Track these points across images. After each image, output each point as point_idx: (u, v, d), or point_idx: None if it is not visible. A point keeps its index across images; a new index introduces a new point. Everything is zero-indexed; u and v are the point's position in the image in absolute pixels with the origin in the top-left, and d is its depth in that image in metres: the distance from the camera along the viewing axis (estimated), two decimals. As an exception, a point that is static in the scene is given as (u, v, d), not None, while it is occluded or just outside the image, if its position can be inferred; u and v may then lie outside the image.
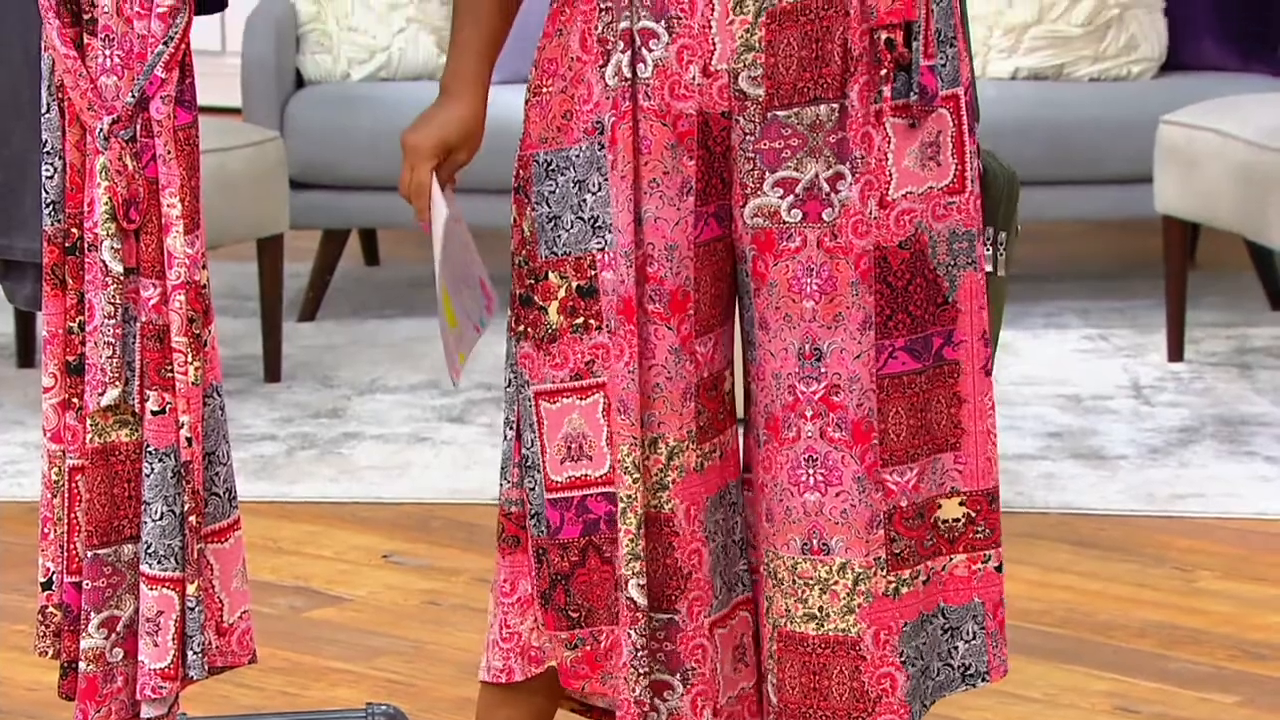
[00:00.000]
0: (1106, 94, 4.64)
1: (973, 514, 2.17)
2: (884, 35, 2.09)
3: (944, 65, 2.12)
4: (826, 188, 2.11)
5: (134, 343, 2.28)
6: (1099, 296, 4.76)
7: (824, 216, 2.11)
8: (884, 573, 2.13)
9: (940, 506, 2.16)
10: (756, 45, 2.09)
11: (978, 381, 2.17)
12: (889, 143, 2.11)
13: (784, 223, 2.12)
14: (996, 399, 2.47)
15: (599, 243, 2.14)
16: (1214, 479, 3.66)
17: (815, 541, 2.14)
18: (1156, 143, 4.28)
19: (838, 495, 2.13)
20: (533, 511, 2.18)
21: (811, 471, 2.13)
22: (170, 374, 2.27)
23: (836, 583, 2.13)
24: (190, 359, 2.26)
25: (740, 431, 2.22)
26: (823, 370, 2.13)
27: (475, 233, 2.34)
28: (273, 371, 4.27)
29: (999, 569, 2.19)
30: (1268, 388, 4.12)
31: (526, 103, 2.19)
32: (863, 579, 2.13)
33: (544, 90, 2.17)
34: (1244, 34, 4.77)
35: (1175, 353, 4.29)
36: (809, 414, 2.13)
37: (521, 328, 2.19)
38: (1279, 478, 3.66)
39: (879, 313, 2.12)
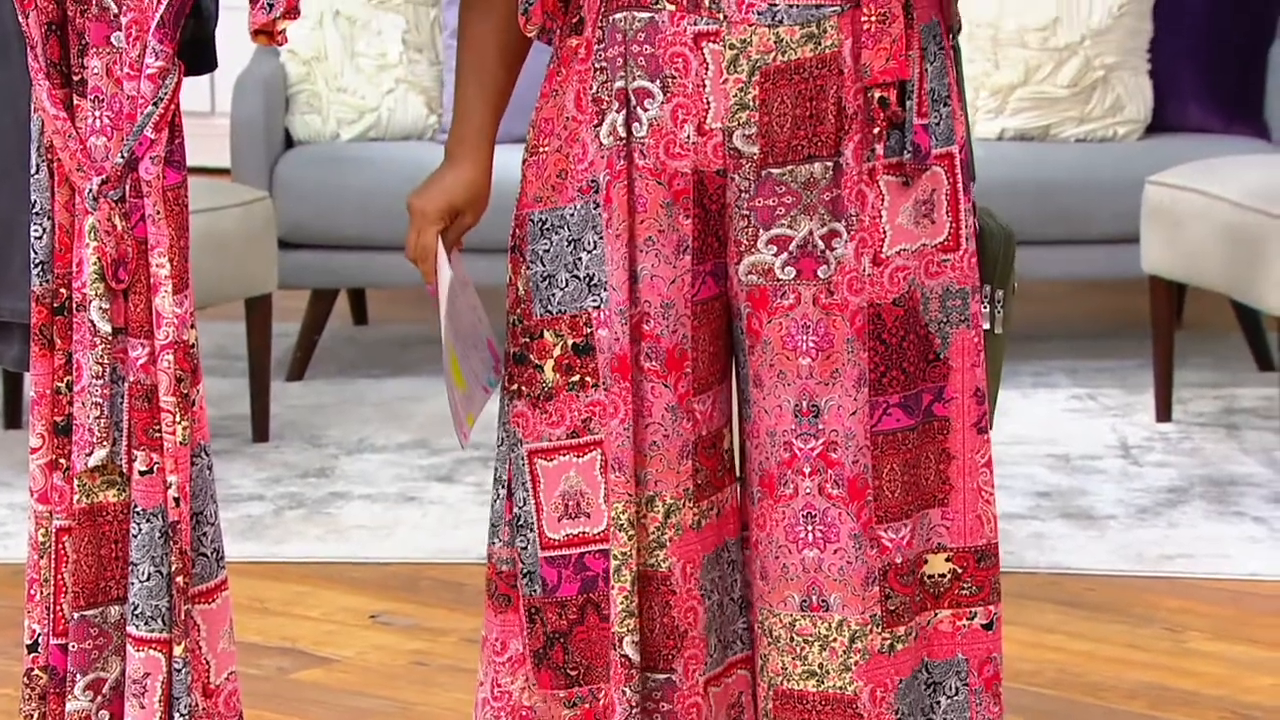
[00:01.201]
0: (1092, 155, 4.66)
1: (959, 570, 2.17)
2: (877, 94, 2.09)
3: (938, 124, 2.12)
4: (821, 245, 2.11)
5: (122, 403, 2.27)
6: (1087, 356, 4.76)
7: (819, 274, 2.12)
8: (879, 630, 2.12)
9: (927, 562, 2.16)
10: (750, 104, 2.09)
11: (968, 438, 2.16)
12: (883, 200, 2.11)
13: (778, 280, 2.12)
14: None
15: (594, 300, 2.14)
16: (1202, 539, 3.65)
17: (814, 598, 2.13)
18: (1143, 203, 4.29)
19: (835, 552, 2.12)
20: (525, 570, 2.17)
21: (810, 528, 2.13)
22: (158, 434, 2.26)
23: (835, 640, 2.13)
24: (178, 419, 2.25)
25: (738, 489, 2.22)
26: (820, 427, 2.12)
27: (479, 292, 2.34)
28: (260, 431, 4.25)
29: (987, 626, 2.18)
30: (1255, 448, 4.12)
31: (524, 162, 2.19)
32: (859, 636, 2.12)
33: (540, 150, 2.17)
34: (1228, 96, 4.79)
35: (1163, 413, 4.29)
36: (807, 470, 2.13)
37: (516, 386, 2.18)
38: (1268, 538, 3.66)
39: (873, 369, 2.12)
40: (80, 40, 2.24)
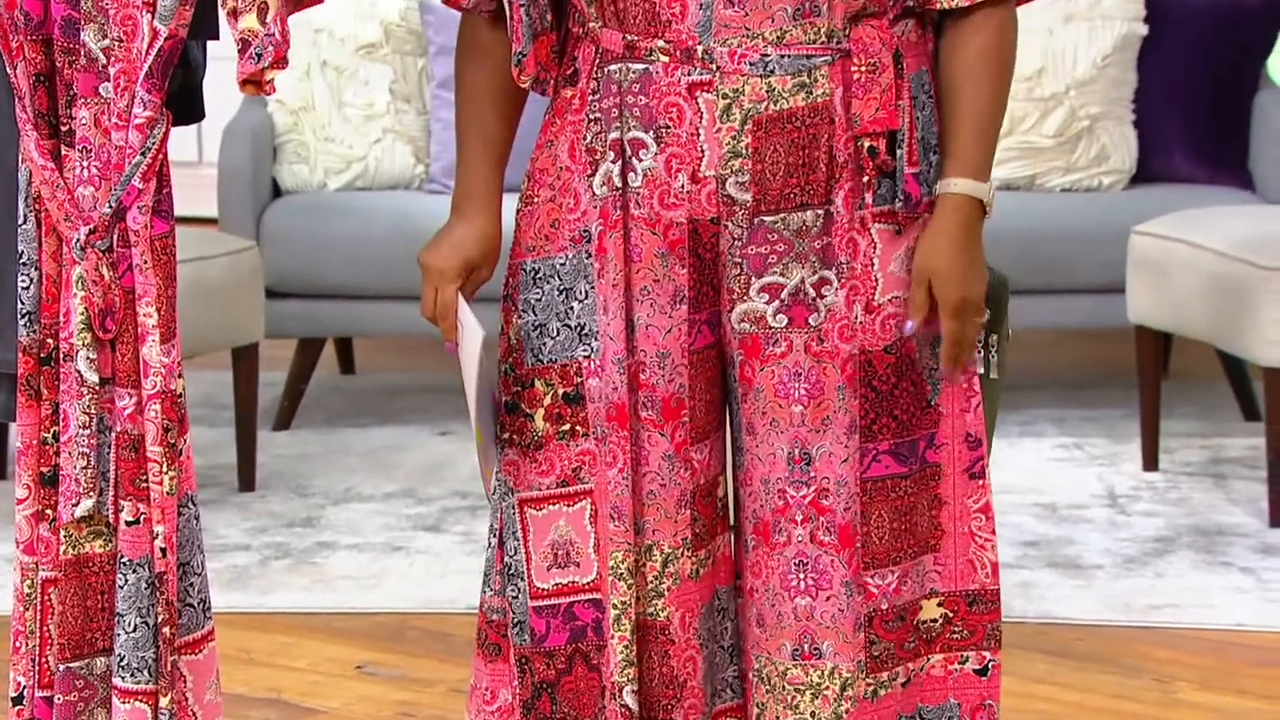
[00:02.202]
0: (1078, 205, 4.67)
1: (950, 614, 2.17)
2: (867, 143, 2.10)
3: (929, 172, 2.13)
4: (813, 293, 2.12)
5: (109, 453, 2.26)
6: (1074, 405, 4.76)
7: (810, 321, 2.12)
8: (864, 675, 2.12)
9: (922, 608, 2.15)
10: (744, 151, 2.10)
11: (959, 484, 2.16)
12: (875, 248, 2.12)
13: (770, 328, 2.12)
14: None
15: (585, 350, 2.14)
16: (1190, 589, 3.65)
17: (806, 646, 2.13)
18: (1128, 253, 4.30)
19: (828, 599, 2.12)
20: (515, 620, 2.17)
21: (802, 576, 2.13)
22: (145, 484, 2.25)
23: (827, 687, 2.12)
24: (165, 468, 2.24)
25: (730, 537, 2.21)
26: (812, 474, 2.12)
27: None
28: (247, 481, 4.24)
29: (981, 672, 2.18)
30: (1242, 498, 4.12)
31: (518, 212, 2.20)
32: (850, 684, 2.12)
33: (534, 199, 2.18)
34: (1213, 146, 4.80)
35: (1150, 462, 4.29)
36: (799, 518, 2.13)
37: (507, 435, 2.18)
38: (1255, 589, 3.65)
39: (863, 416, 2.12)
40: (68, 91, 2.24)
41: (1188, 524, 3.96)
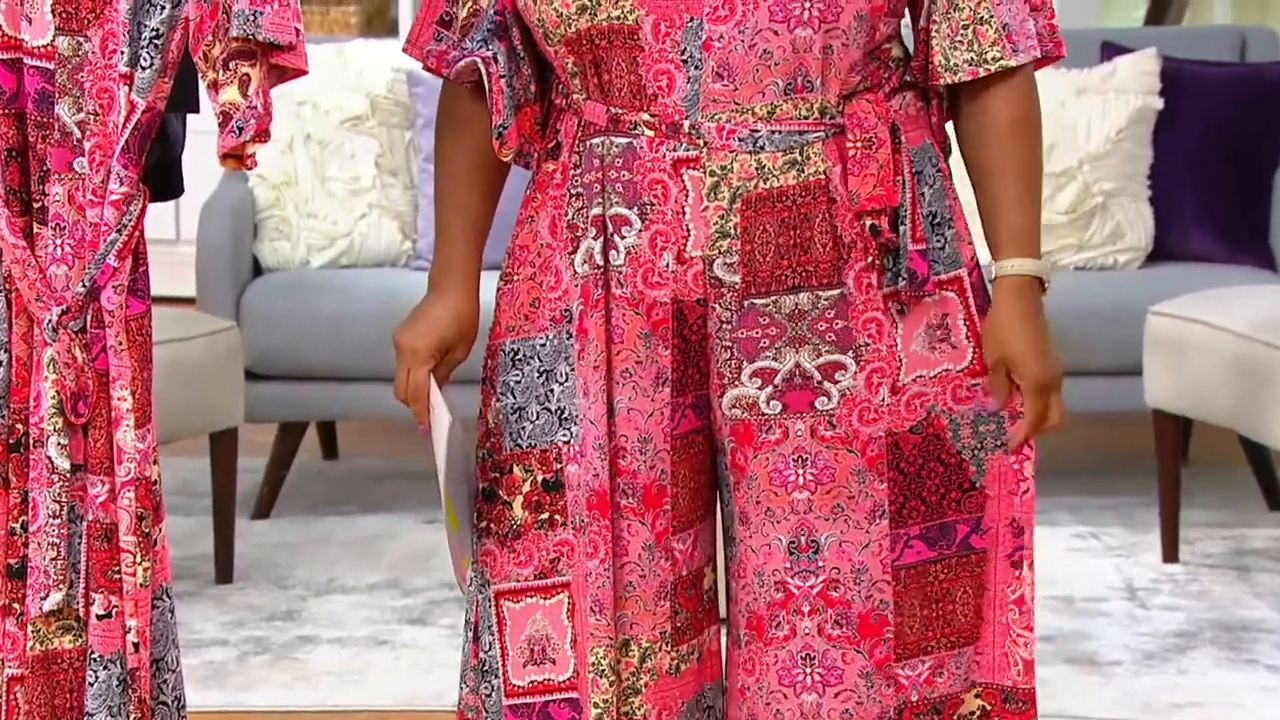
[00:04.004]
0: (1092, 283, 4.68)
1: (988, 707, 2.16)
2: (868, 221, 2.11)
3: (941, 247, 2.14)
4: (818, 377, 2.12)
5: (80, 543, 2.26)
6: (1090, 493, 4.76)
7: (817, 405, 2.12)
8: None
9: (963, 702, 2.15)
10: (732, 231, 2.11)
11: (1000, 570, 2.16)
12: (896, 328, 2.12)
13: (763, 414, 2.13)
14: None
15: (564, 435, 2.14)
16: (1213, 688, 3.64)
17: None
18: (1145, 334, 4.31)
19: (838, 695, 2.11)
20: (489, 719, 2.16)
21: (809, 670, 2.12)
22: (118, 575, 2.25)
23: None
24: (139, 559, 2.24)
25: (719, 630, 2.20)
26: (820, 563, 2.12)
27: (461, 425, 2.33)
28: (224, 572, 4.23)
29: None
30: (1267, 592, 4.11)
31: (498, 290, 2.20)
32: None
33: (514, 277, 2.18)
34: (1232, 223, 4.82)
35: (1170, 553, 4.28)
36: (805, 609, 2.12)
37: (484, 524, 2.18)
38: (1280, 685, 3.65)
39: (892, 501, 2.12)
40: (41, 166, 2.25)
41: (1210, 619, 3.96)
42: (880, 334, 2.11)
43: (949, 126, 2.20)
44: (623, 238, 2.12)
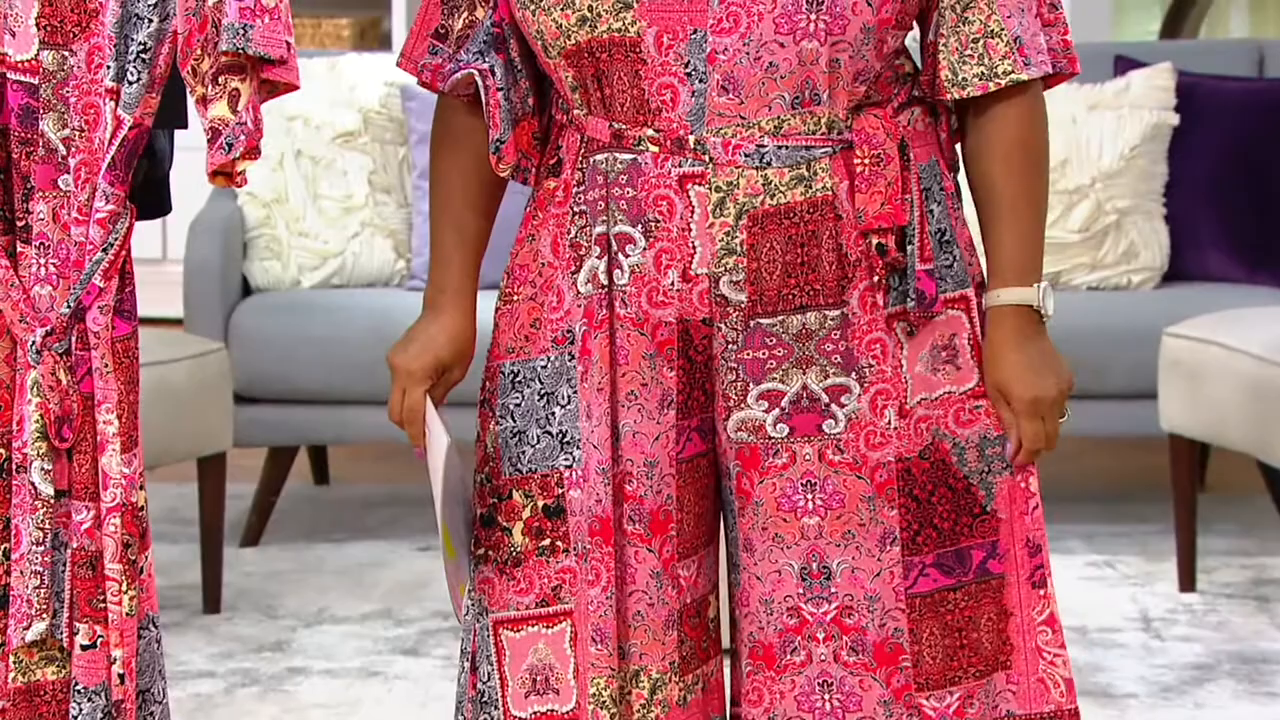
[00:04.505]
0: (1105, 304, 4.69)
1: None
2: (875, 240, 2.11)
3: (949, 266, 2.14)
4: (825, 399, 2.12)
5: (64, 571, 2.26)
6: (1104, 520, 4.76)
7: (825, 429, 2.12)
8: None
9: None
10: (738, 249, 2.11)
11: (1024, 594, 2.16)
12: (901, 349, 2.12)
13: (769, 438, 2.13)
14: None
15: (566, 459, 2.14)
16: (1231, 720, 3.64)
17: None
18: (1160, 356, 4.31)
19: None
20: (489, 754, 2.16)
21: (827, 697, 2.12)
22: (103, 604, 2.25)
23: None
24: (125, 587, 2.24)
25: (724, 661, 2.20)
26: (833, 590, 2.12)
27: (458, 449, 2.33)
28: (212, 601, 4.23)
29: None
30: (1286, 620, 4.11)
31: (497, 310, 2.21)
32: None
33: (514, 297, 2.18)
34: (1250, 242, 4.83)
35: (1187, 582, 4.28)
36: (820, 636, 2.12)
37: (482, 550, 2.18)
38: (1301, 717, 3.64)
39: (905, 528, 2.12)
40: (25, 184, 2.25)
41: (1229, 650, 3.95)
42: (884, 355, 2.11)
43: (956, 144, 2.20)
44: (627, 256, 2.13)
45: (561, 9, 2.09)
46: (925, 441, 2.13)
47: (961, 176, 2.19)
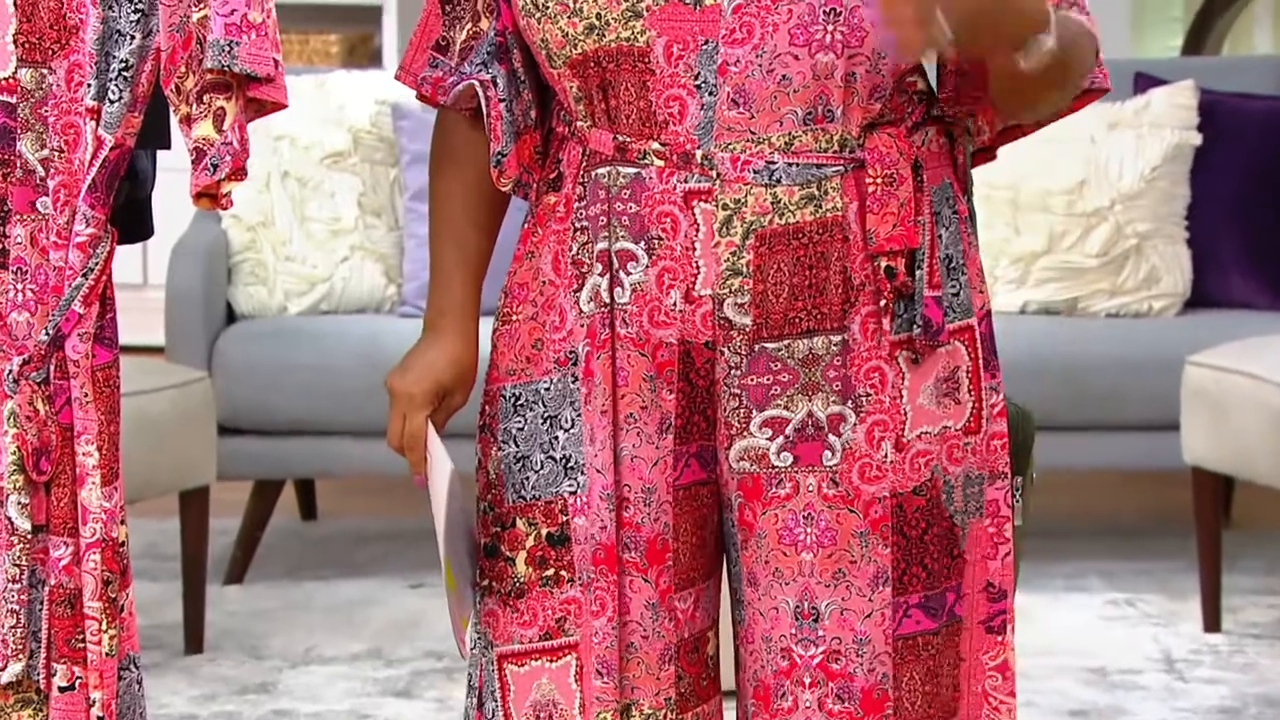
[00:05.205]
0: (1125, 331, 4.69)
1: None
2: (884, 263, 2.11)
3: (955, 294, 2.15)
4: (826, 428, 2.12)
5: (41, 609, 2.26)
6: (1124, 557, 4.76)
7: (824, 460, 2.12)
8: None
9: None
10: (744, 270, 2.11)
11: (975, 637, 2.16)
12: (903, 379, 2.12)
13: (773, 467, 2.13)
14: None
15: (571, 485, 2.14)
16: (1258, 764, 3.64)
17: None
18: (1182, 386, 4.31)
19: None
20: (494, 792, 2.16)
21: None
22: (82, 644, 2.25)
23: None
24: (104, 626, 2.24)
25: (720, 701, 2.20)
26: (821, 633, 2.12)
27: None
28: (195, 641, 4.23)
29: None
30: (1315, 661, 4.11)
31: (495, 331, 2.21)
32: None
33: (513, 317, 2.19)
34: (1275, 267, 4.83)
35: (1211, 622, 4.28)
36: (807, 681, 2.12)
37: (486, 581, 2.18)
38: (1330, 763, 3.64)
39: (895, 567, 2.12)
40: (2, 207, 2.26)
41: (1256, 693, 3.95)
42: (883, 384, 2.11)
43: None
44: (629, 274, 2.13)
45: (568, 17, 2.10)
46: (922, 477, 2.12)
47: (980, 200, 2.19)
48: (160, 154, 2.42)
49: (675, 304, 2.12)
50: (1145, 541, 4.88)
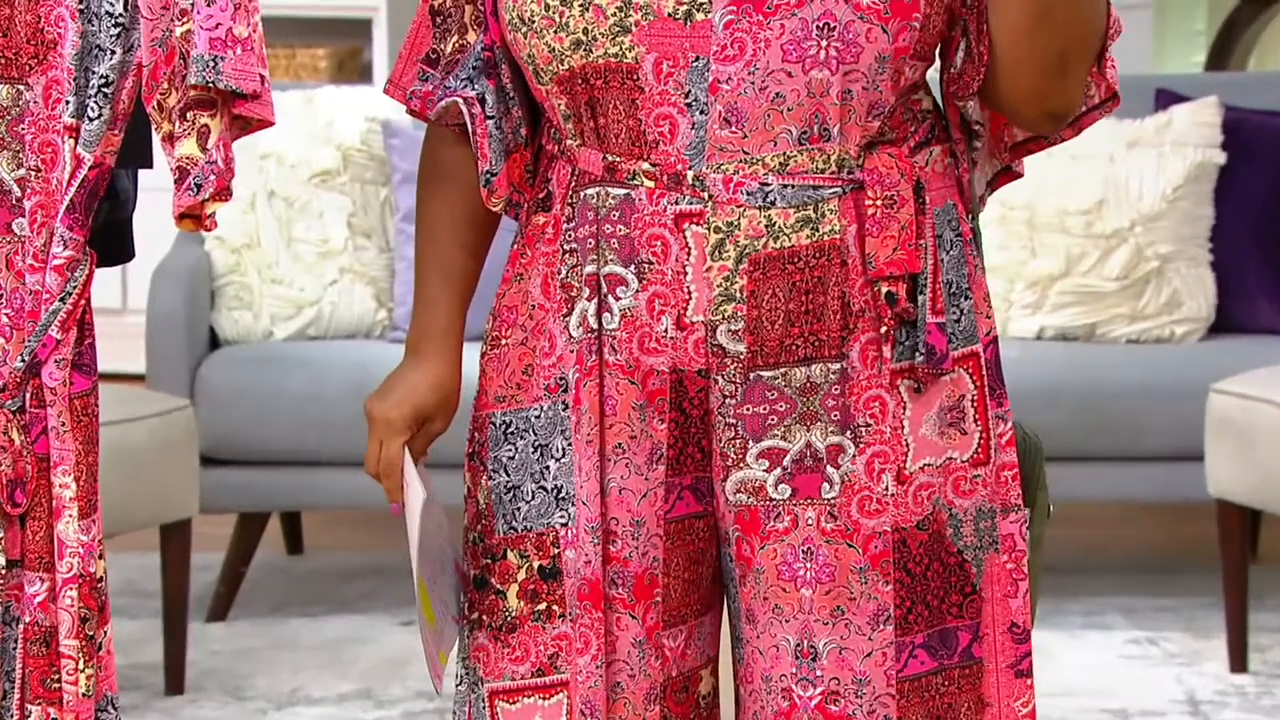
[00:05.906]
0: (1146, 358, 4.70)
1: None
2: (885, 288, 2.12)
3: (958, 320, 2.15)
4: (825, 459, 2.13)
5: (15, 648, 2.27)
6: (1146, 593, 4.76)
7: (823, 492, 2.13)
8: None
9: None
10: (738, 295, 2.12)
11: (1004, 681, 2.16)
12: (904, 409, 2.13)
13: (771, 500, 2.13)
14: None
15: (562, 517, 2.15)
16: (1285, 810, 3.64)
17: None
18: (1207, 415, 4.32)
19: None
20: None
21: None
22: (57, 684, 2.25)
23: None
24: (81, 666, 2.24)
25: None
26: (819, 673, 2.12)
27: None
28: (175, 682, 4.23)
29: None
30: (1345, 702, 4.11)
31: (483, 356, 2.21)
32: None
33: (502, 342, 2.19)
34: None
35: (1238, 662, 4.28)
36: None
37: (476, 615, 2.19)
38: (1361, 808, 3.64)
39: (898, 605, 2.12)
40: (-23, 227, 2.27)
41: (1282, 734, 3.95)
42: (883, 414, 2.12)
43: (976, 183, 2.21)
44: (618, 299, 2.14)
45: (555, 31, 2.11)
46: (925, 511, 2.13)
47: (995, 221, 2.20)
48: (142, 173, 2.43)
49: (666, 330, 2.13)
50: (1168, 577, 4.88)
